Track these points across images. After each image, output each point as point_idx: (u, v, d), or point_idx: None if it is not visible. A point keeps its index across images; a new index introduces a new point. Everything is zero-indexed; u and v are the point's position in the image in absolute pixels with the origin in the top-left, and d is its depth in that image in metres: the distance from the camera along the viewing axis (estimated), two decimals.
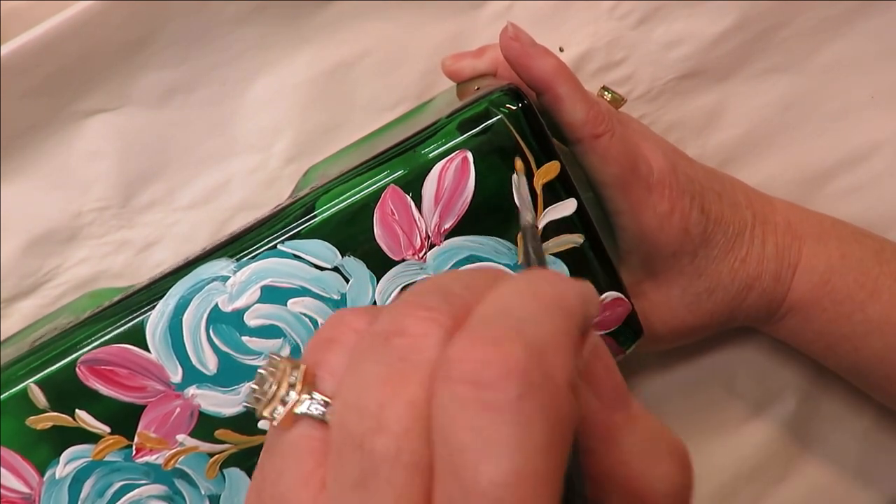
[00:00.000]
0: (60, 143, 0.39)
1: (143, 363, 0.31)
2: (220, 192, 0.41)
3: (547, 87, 0.33)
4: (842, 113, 0.43)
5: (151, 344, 0.31)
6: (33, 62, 0.37)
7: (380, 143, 0.36)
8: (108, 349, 0.31)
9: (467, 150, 0.30)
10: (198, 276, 0.31)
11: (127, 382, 0.31)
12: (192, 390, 0.31)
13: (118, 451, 0.31)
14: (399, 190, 0.30)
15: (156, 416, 0.31)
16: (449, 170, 0.30)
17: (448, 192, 0.31)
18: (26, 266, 0.40)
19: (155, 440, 0.31)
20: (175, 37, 0.39)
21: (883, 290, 0.36)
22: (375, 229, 0.31)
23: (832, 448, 0.44)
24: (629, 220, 0.35)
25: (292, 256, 0.31)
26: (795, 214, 0.38)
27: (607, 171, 0.33)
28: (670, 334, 0.37)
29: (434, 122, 0.31)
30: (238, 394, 0.32)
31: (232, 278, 0.31)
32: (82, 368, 0.31)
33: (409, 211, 0.31)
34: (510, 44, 0.33)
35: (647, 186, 0.34)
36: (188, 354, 0.31)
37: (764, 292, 0.37)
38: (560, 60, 0.33)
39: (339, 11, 0.40)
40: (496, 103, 0.31)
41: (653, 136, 0.37)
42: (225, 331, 0.31)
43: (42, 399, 0.31)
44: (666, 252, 0.35)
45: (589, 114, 0.33)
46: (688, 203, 0.34)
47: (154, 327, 0.31)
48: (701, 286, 0.36)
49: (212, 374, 0.31)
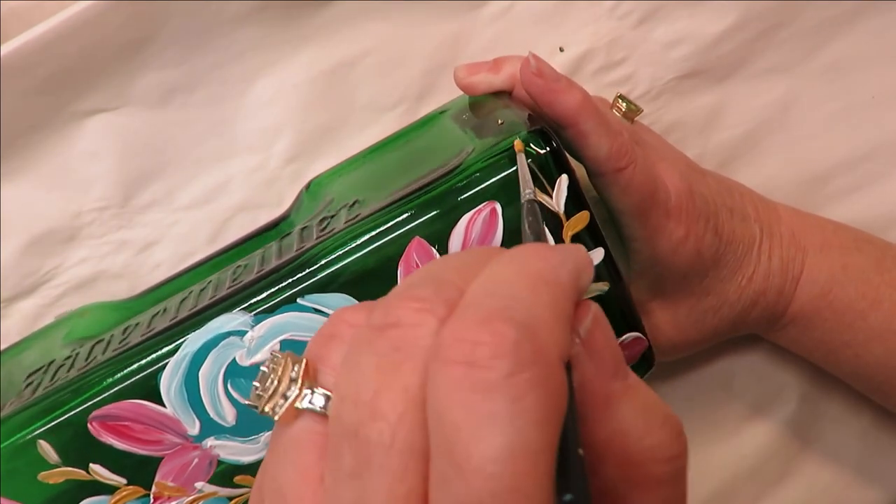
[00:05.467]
0: (60, 143, 0.39)
1: (158, 418, 0.30)
2: (220, 192, 0.41)
3: (572, 124, 0.32)
4: (842, 113, 0.43)
5: (167, 399, 0.30)
6: (33, 62, 0.37)
7: (392, 165, 0.34)
8: (121, 405, 0.30)
9: (496, 201, 0.29)
10: (213, 330, 0.30)
11: (142, 437, 0.30)
12: (210, 441, 0.30)
13: (136, 500, 0.31)
14: (425, 242, 0.29)
15: (173, 466, 0.31)
16: (477, 221, 0.29)
17: (476, 244, 0.29)
18: (26, 266, 0.40)
19: (173, 489, 0.31)
20: (175, 37, 0.39)
21: (884, 298, 0.36)
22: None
23: (832, 448, 0.44)
24: (645, 246, 0.34)
25: (312, 310, 0.30)
26: (799, 222, 0.38)
27: (627, 201, 0.33)
28: (673, 349, 0.37)
29: (458, 165, 0.30)
30: (258, 443, 0.31)
31: (250, 333, 0.30)
32: (94, 424, 0.30)
33: None
34: (533, 80, 0.32)
35: (665, 213, 0.33)
36: (205, 408, 0.30)
37: (767, 306, 0.37)
38: (584, 93, 0.32)
39: (339, 11, 0.40)
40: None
41: (668, 152, 0.36)
42: (244, 384, 0.30)
43: (53, 455, 0.30)
44: (678, 274, 0.35)
45: (612, 148, 0.32)
46: (703, 227, 0.34)
47: (169, 383, 0.30)
48: (707, 304, 0.36)
49: (230, 425, 0.30)
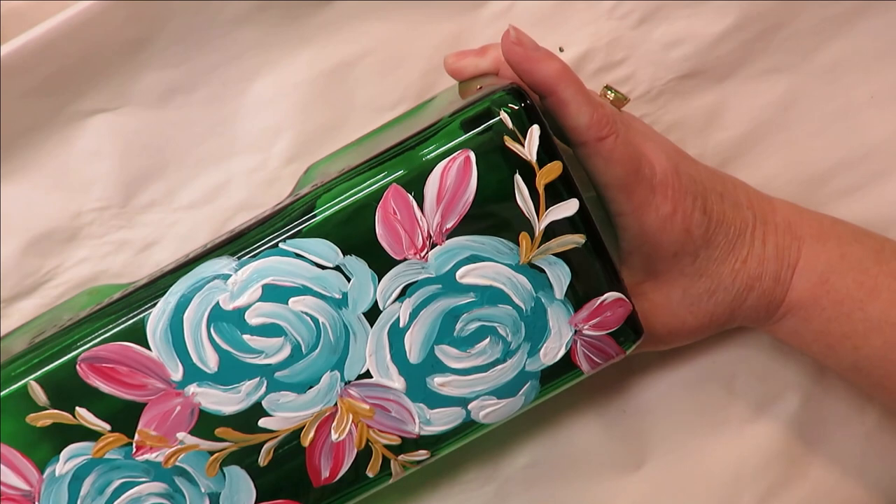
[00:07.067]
0: (60, 143, 0.39)
1: (143, 361, 0.31)
2: (220, 192, 0.41)
3: (551, 91, 0.33)
4: (842, 113, 0.43)
5: (152, 342, 0.31)
6: (33, 62, 0.37)
7: (381, 141, 0.36)
8: (109, 347, 0.31)
9: (469, 149, 0.30)
10: (199, 275, 0.31)
11: (127, 380, 0.31)
12: (192, 388, 0.31)
13: (118, 449, 0.32)
14: (401, 189, 0.30)
15: (156, 414, 0.31)
16: (451, 169, 0.30)
17: (450, 191, 0.31)
18: (26, 266, 0.40)
19: (155, 438, 0.32)
20: (175, 37, 0.39)
21: (882, 288, 0.36)
22: (377, 228, 0.31)
23: (836, 450, 0.44)
24: (632, 221, 0.35)
25: (294, 255, 0.31)
26: (795, 214, 0.38)
27: (611, 173, 0.33)
28: (670, 335, 0.37)
29: (436, 122, 0.31)
30: (239, 392, 0.32)
31: (233, 277, 0.31)
32: (83, 366, 0.31)
33: (411, 210, 0.31)
34: (513, 48, 0.33)
35: (650, 187, 0.34)
36: (189, 352, 0.31)
37: (764, 293, 0.37)
38: (563, 63, 0.33)
39: (339, 11, 0.40)
40: (498, 102, 0.31)
41: (655, 136, 0.37)
42: (226, 329, 0.31)
43: (42, 396, 0.31)
44: (668, 253, 0.35)
45: (593, 117, 0.33)
46: (690, 204, 0.34)
47: (155, 325, 0.31)
48: (702, 287, 0.36)
49: (213, 372, 0.31)
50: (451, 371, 0.32)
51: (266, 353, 0.31)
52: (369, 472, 0.33)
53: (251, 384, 0.31)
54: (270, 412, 0.32)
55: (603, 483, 0.43)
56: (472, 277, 0.31)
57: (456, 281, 0.31)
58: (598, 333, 0.33)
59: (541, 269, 0.32)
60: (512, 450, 0.42)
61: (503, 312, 0.32)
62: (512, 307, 0.32)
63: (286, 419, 0.32)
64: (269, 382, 0.32)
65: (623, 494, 0.43)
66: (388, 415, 0.33)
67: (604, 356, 0.33)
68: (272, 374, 0.31)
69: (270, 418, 0.32)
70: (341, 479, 0.33)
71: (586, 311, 0.32)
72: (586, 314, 0.32)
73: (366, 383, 0.32)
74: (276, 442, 0.32)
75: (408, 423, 0.33)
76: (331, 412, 0.32)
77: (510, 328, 0.32)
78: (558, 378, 0.33)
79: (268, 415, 0.32)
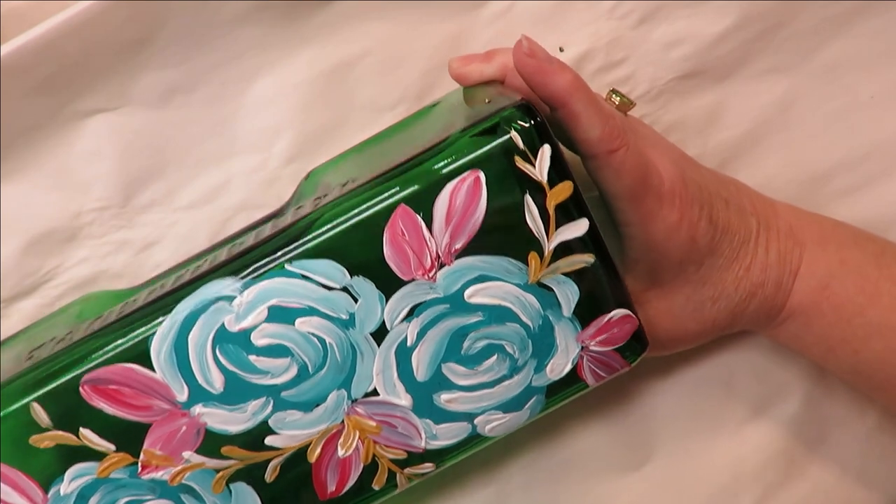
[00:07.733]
0: (60, 143, 0.39)
1: (148, 382, 0.31)
2: (220, 193, 0.41)
3: (563, 104, 0.32)
4: (842, 113, 0.43)
5: (156, 363, 0.30)
6: (33, 62, 0.37)
7: (385, 150, 0.35)
8: (112, 368, 0.30)
9: (479, 170, 0.30)
10: (203, 296, 0.30)
11: (132, 402, 0.31)
12: (198, 409, 0.31)
13: (123, 469, 0.31)
14: (410, 210, 0.30)
15: (161, 434, 0.31)
16: (461, 189, 0.30)
17: (459, 212, 0.30)
18: (26, 266, 0.40)
19: (161, 457, 0.31)
20: (175, 37, 0.39)
21: (883, 293, 0.36)
22: (385, 249, 0.30)
23: (835, 449, 0.44)
24: (638, 231, 0.34)
25: (300, 276, 0.30)
26: (797, 218, 0.38)
27: (620, 184, 0.33)
28: (672, 341, 0.37)
29: (445, 138, 0.31)
30: (245, 411, 0.31)
31: (238, 298, 0.30)
32: (86, 388, 0.30)
33: (419, 231, 0.30)
34: (525, 60, 0.32)
35: (657, 197, 0.34)
36: (194, 374, 0.31)
37: (766, 299, 0.37)
38: (576, 75, 0.33)
39: (339, 11, 0.40)
40: (508, 119, 0.30)
41: (662, 143, 0.36)
42: (231, 350, 0.31)
43: (45, 418, 0.31)
44: (673, 261, 0.35)
45: (604, 130, 0.32)
46: (696, 213, 0.34)
47: (159, 347, 0.30)
48: (705, 294, 0.36)
49: (218, 392, 0.31)
50: (457, 388, 0.32)
51: (272, 374, 0.31)
52: (375, 485, 0.33)
53: (257, 404, 0.31)
54: (277, 430, 0.32)
55: (603, 483, 0.43)
56: (481, 297, 0.31)
57: (464, 300, 0.31)
58: (604, 349, 0.33)
59: (549, 288, 0.31)
60: (513, 450, 0.42)
61: (511, 330, 0.32)
62: (520, 325, 0.32)
63: (293, 437, 0.32)
64: (276, 402, 0.31)
65: (623, 495, 0.43)
66: (395, 431, 0.33)
67: (609, 370, 0.33)
68: (279, 393, 0.31)
69: (277, 436, 0.32)
70: (347, 492, 0.33)
71: (594, 328, 0.32)
72: (593, 331, 0.32)
73: (373, 401, 0.32)
74: (283, 459, 0.32)
75: (414, 439, 0.33)
76: (337, 429, 0.32)
77: (517, 346, 0.32)
78: (564, 391, 0.33)
79: (274, 433, 0.32)
